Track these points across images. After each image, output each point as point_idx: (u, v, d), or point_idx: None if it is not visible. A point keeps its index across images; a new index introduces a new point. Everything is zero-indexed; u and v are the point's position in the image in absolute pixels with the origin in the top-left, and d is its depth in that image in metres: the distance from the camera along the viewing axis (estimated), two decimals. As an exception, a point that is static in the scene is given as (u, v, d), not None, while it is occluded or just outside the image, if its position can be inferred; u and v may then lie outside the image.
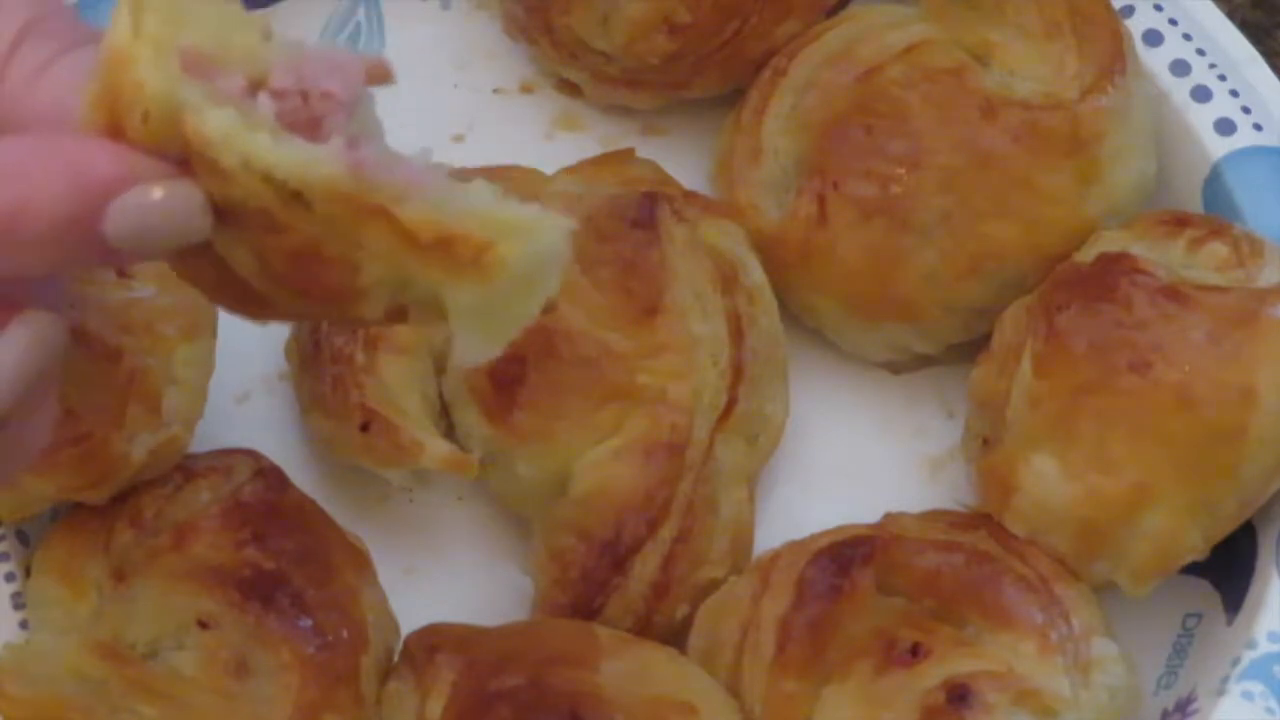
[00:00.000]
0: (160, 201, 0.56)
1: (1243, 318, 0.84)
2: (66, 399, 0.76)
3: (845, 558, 0.83)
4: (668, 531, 0.86)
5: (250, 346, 0.92)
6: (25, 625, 0.83)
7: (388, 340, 0.88)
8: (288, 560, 0.83)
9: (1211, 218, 0.90)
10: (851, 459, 0.94)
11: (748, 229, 0.92)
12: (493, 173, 0.90)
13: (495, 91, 1.01)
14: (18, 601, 0.84)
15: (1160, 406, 0.83)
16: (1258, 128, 0.92)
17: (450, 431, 0.89)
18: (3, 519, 0.84)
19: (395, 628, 0.87)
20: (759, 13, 0.94)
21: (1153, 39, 0.94)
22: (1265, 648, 0.83)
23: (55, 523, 0.85)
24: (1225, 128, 0.92)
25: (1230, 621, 0.86)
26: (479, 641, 0.84)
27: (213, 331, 0.85)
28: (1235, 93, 0.93)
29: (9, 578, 0.84)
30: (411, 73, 0.80)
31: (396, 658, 0.85)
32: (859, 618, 0.83)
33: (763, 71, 0.95)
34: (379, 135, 0.59)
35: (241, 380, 0.93)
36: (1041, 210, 0.90)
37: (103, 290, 0.81)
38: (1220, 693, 0.83)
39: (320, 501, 0.87)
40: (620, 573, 0.86)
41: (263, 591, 0.81)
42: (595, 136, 1.00)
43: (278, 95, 0.57)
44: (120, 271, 0.82)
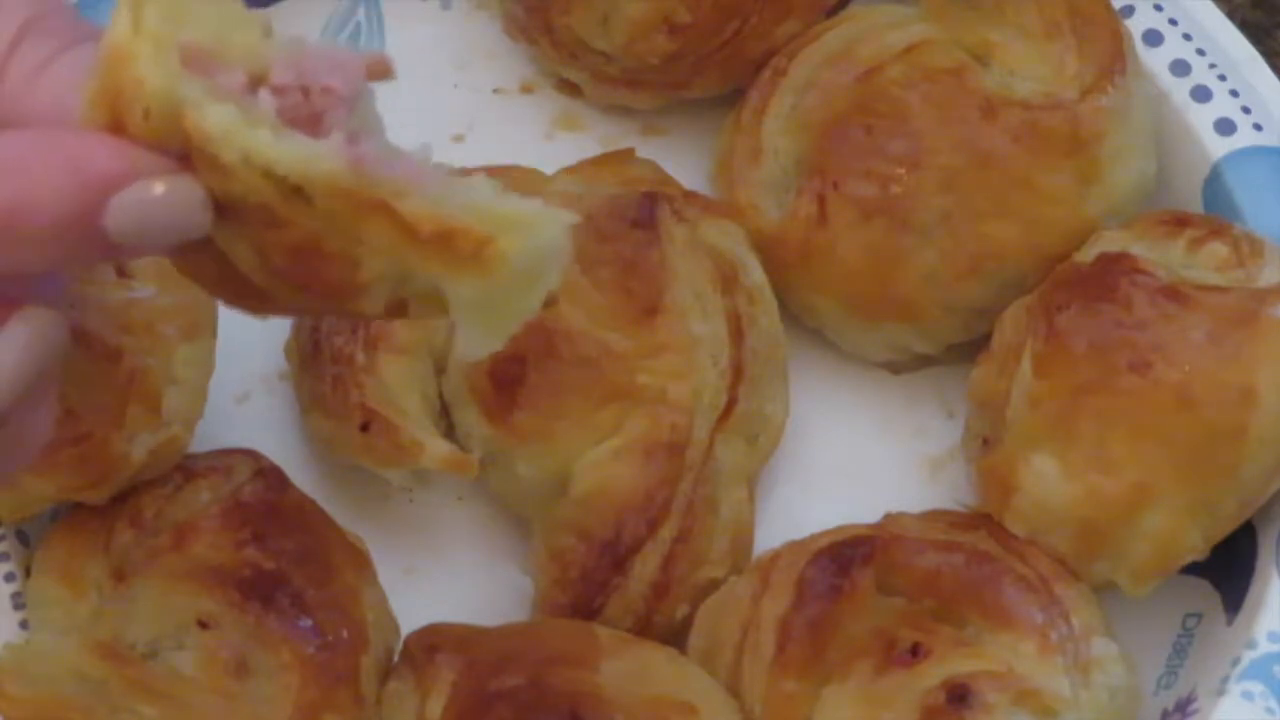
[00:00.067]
0: (161, 197, 0.56)
1: (1243, 318, 0.84)
2: (66, 399, 0.76)
3: (845, 558, 0.83)
4: (668, 531, 0.86)
5: (250, 346, 0.92)
6: (25, 625, 0.83)
7: (388, 340, 0.88)
8: (288, 560, 0.83)
9: (1211, 218, 0.90)
10: (851, 459, 0.94)
11: (748, 229, 0.92)
12: (493, 173, 0.89)
13: (495, 91, 1.01)
14: (18, 601, 0.83)
15: (1160, 406, 0.83)
16: (1258, 128, 0.92)
17: (450, 431, 0.89)
18: (3, 519, 0.84)
19: (395, 628, 0.86)
20: (759, 13, 0.94)
21: (1153, 39, 0.94)
22: (1265, 648, 0.83)
23: (55, 523, 0.85)
24: (1225, 128, 0.92)
25: (1230, 621, 0.86)
26: (479, 641, 0.83)
27: (213, 331, 0.85)
28: (1235, 93, 0.93)
29: (9, 578, 0.84)
30: (411, 73, 0.80)
31: (396, 658, 0.85)
32: (859, 618, 0.83)
33: (763, 71, 0.95)
34: (379, 131, 0.59)
35: (241, 380, 0.93)
36: (1041, 210, 0.90)
37: (103, 290, 0.81)
38: (1220, 693, 0.83)
39: (320, 501, 0.87)
40: (620, 573, 0.86)
41: (263, 591, 0.81)
42: (595, 136, 1.00)
43: (278, 91, 0.57)
44: (120, 271, 0.82)
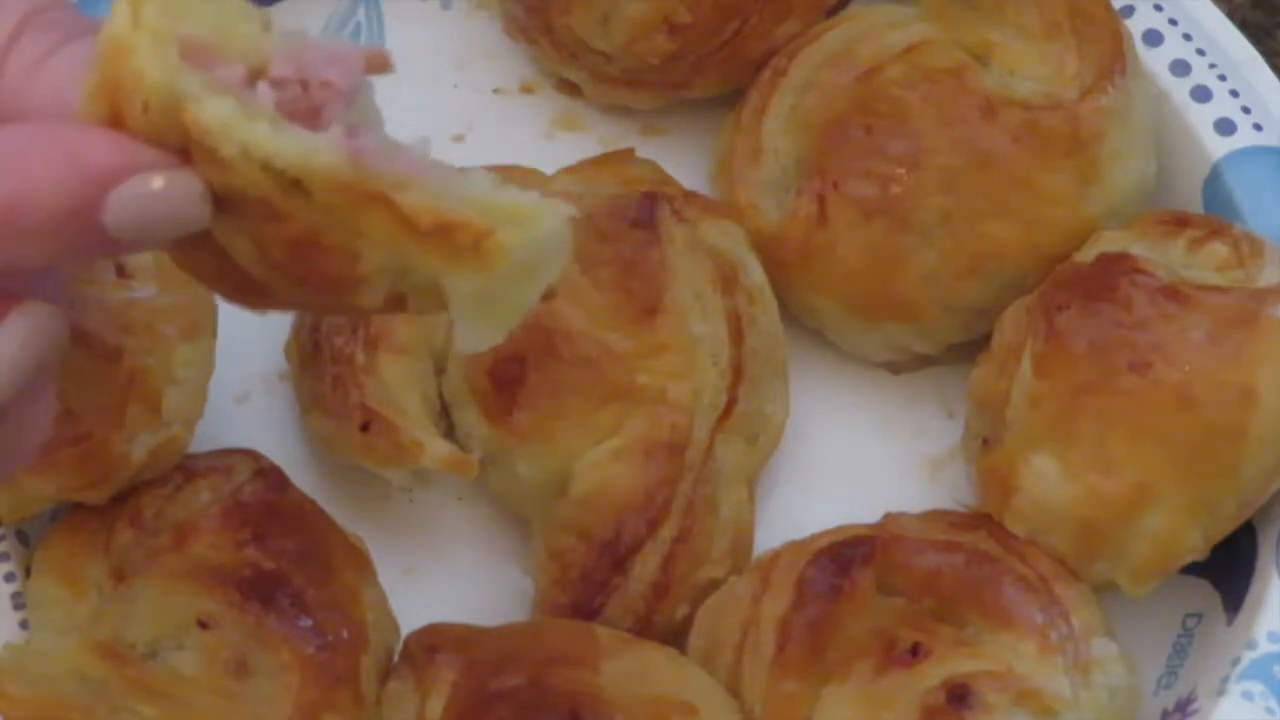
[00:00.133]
0: (160, 190, 0.56)
1: (1243, 318, 0.84)
2: (66, 399, 0.76)
3: (845, 558, 0.83)
4: (668, 531, 0.86)
5: (250, 346, 0.92)
6: (25, 625, 0.83)
7: (388, 340, 0.88)
8: (288, 560, 0.83)
9: (1211, 218, 0.90)
10: (851, 459, 0.94)
11: (748, 229, 0.92)
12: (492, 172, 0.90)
13: (495, 91, 1.00)
14: (18, 601, 0.83)
15: (1160, 406, 0.83)
16: (1258, 128, 0.92)
17: (450, 431, 0.89)
18: (3, 519, 0.84)
19: (395, 628, 0.86)
20: (759, 13, 0.94)
21: (1153, 39, 0.94)
22: (1265, 648, 0.83)
23: (55, 523, 0.85)
24: (1225, 128, 0.92)
25: (1230, 621, 0.86)
26: (479, 641, 0.83)
27: (213, 331, 0.85)
28: (1235, 93, 0.93)
29: (9, 578, 0.84)
30: (411, 73, 0.80)
31: (396, 658, 0.85)
32: (859, 618, 0.83)
33: (763, 71, 0.95)
34: (378, 124, 0.59)
35: (241, 380, 0.93)
36: (1041, 210, 0.90)
37: (103, 290, 0.81)
38: (1220, 693, 0.83)
39: (320, 501, 0.87)
40: (620, 573, 0.86)
41: (263, 591, 0.81)
42: (595, 136, 1.00)
43: (277, 84, 0.57)
44: (120, 271, 0.82)
